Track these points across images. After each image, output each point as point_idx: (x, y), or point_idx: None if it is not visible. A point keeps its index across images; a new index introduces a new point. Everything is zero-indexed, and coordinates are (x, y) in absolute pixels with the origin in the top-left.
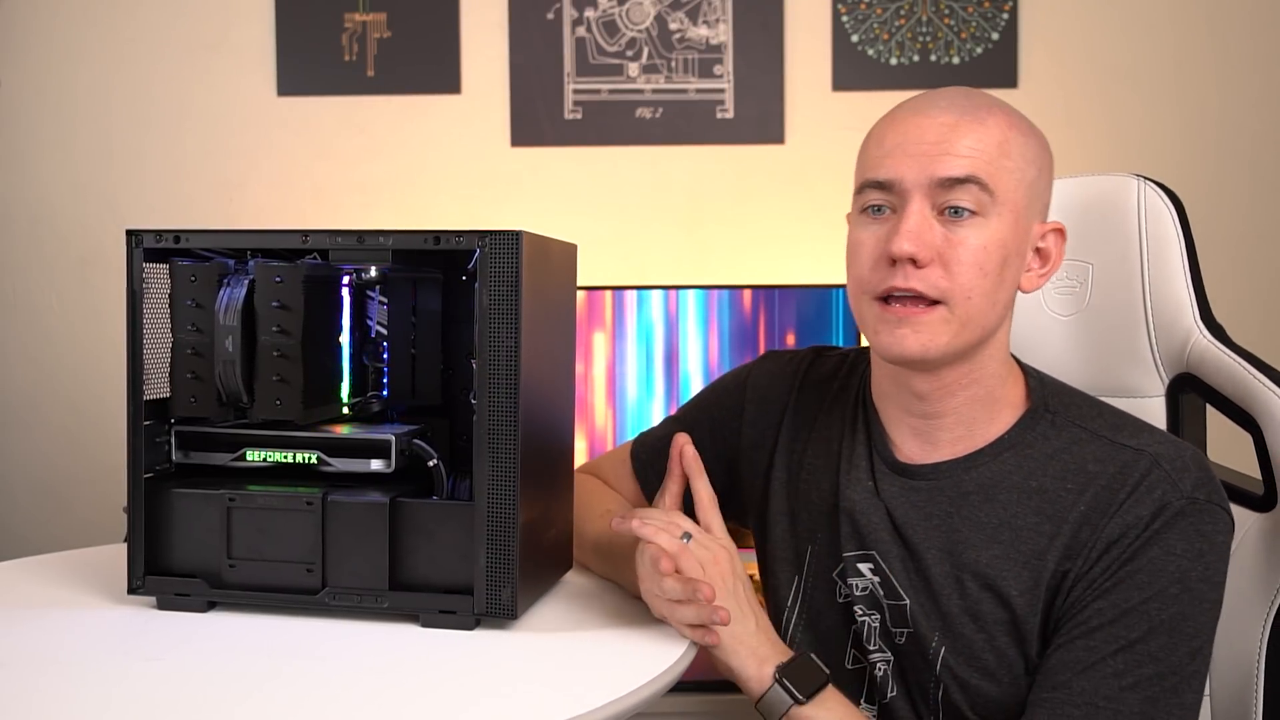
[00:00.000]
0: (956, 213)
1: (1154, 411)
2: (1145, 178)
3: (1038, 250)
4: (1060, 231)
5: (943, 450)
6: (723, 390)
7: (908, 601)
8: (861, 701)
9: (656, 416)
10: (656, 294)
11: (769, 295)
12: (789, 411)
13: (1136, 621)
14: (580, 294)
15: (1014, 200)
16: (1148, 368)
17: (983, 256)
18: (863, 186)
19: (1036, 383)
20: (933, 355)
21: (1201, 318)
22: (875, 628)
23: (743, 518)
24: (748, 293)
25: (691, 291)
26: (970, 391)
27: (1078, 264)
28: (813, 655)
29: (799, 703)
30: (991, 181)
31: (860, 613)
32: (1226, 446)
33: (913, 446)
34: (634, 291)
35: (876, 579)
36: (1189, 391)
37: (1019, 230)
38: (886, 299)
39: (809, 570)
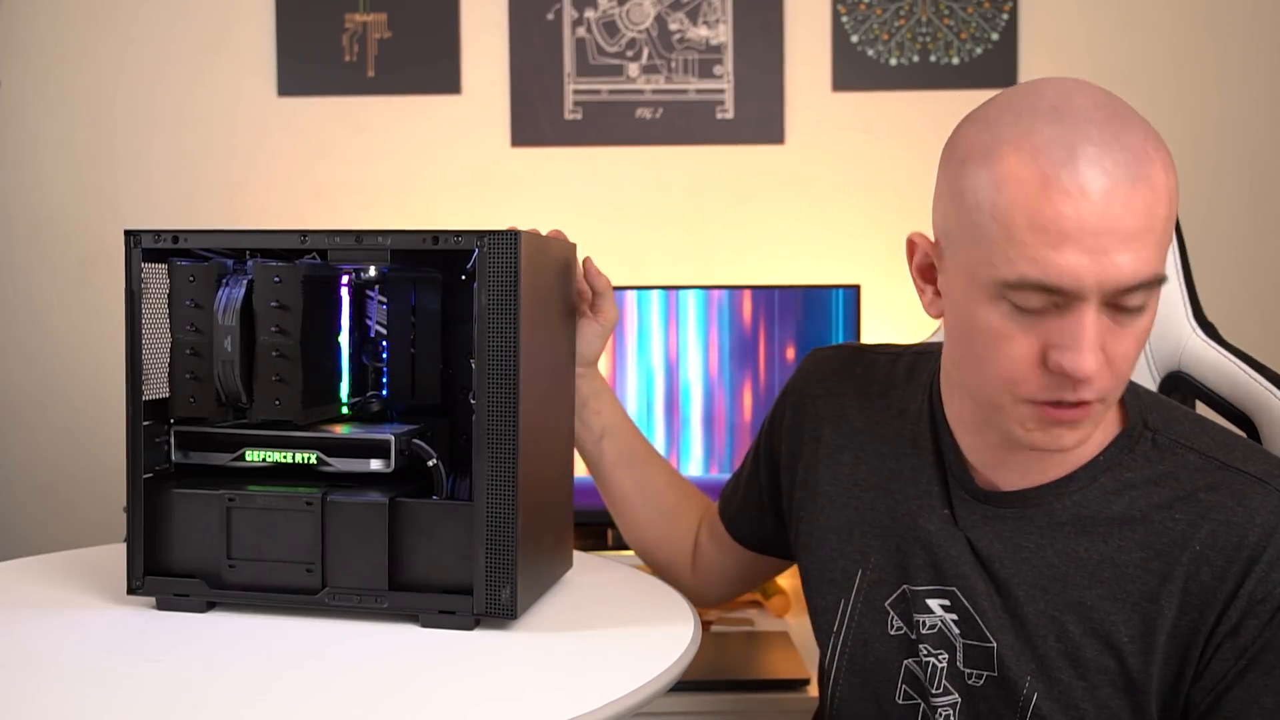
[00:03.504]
0: (1126, 309)
1: None
2: None
3: None
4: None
5: (1030, 476)
6: (773, 409)
7: (995, 644)
8: None
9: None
10: (656, 294)
11: (769, 295)
12: (830, 420)
13: None
14: None
15: (1164, 267)
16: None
17: (1142, 341)
18: (1019, 284)
19: (1132, 396)
20: (1082, 444)
21: (1194, 317)
22: (943, 669)
23: (793, 544)
24: (748, 293)
25: (691, 292)
26: None
27: None
28: None
29: None
30: (1163, 267)
31: (925, 652)
32: None
33: (995, 473)
34: (634, 291)
35: (952, 616)
36: (1182, 390)
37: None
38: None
39: (857, 595)
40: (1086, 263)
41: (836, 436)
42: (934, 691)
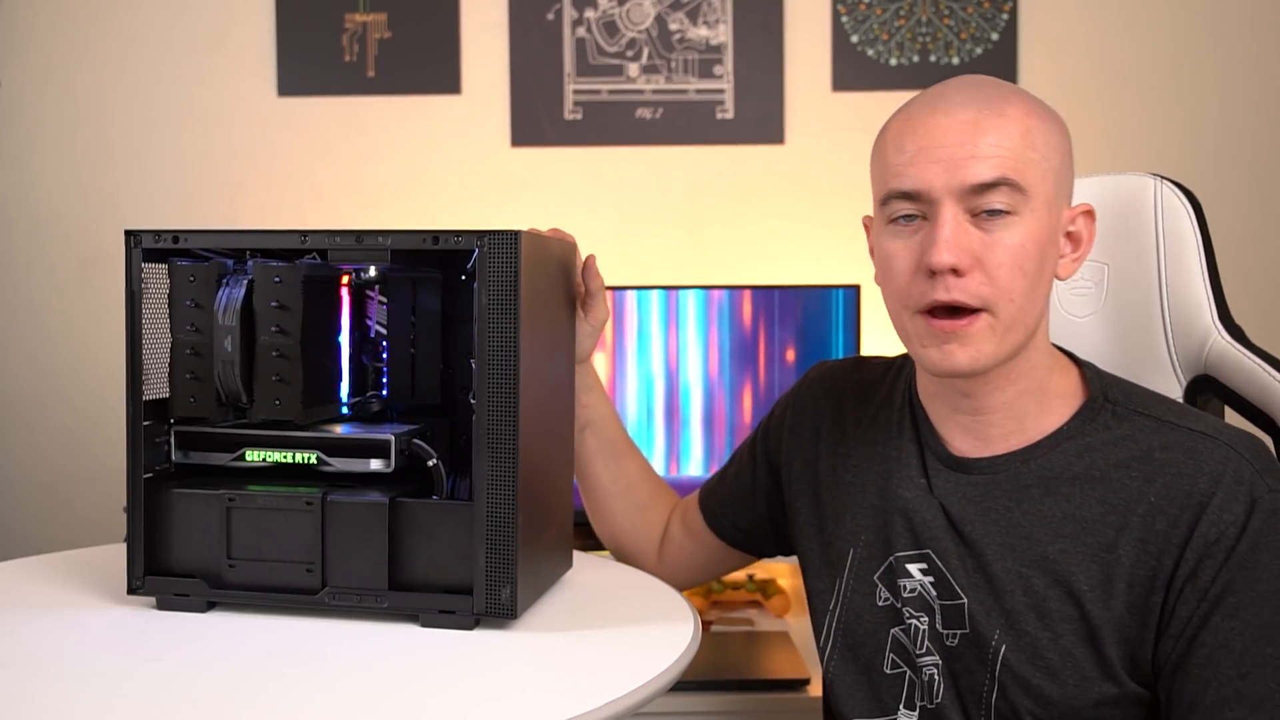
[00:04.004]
0: (991, 213)
1: None
2: (1162, 177)
3: (1068, 235)
4: (1090, 213)
5: (995, 445)
6: (773, 410)
7: (965, 600)
8: (901, 707)
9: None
10: (656, 294)
11: (769, 295)
12: (829, 417)
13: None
14: None
15: (1044, 191)
16: (1165, 369)
17: (1021, 256)
18: (888, 197)
19: (1093, 374)
20: (982, 366)
21: (1220, 318)
22: (924, 630)
23: (792, 537)
24: (748, 293)
25: (691, 292)
26: (1018, 385)
27: (1094, 264)
28: None
29: None
30: (1021, 178)
31: (908, 615)
32: None
33: (964, 442)
34: (634, 291)
35: (929, 579)
36: (1207, 393)
37: (1051, 221)
38: (929, 311)
39: (850, 573)
40: (935, 169)
41: (834, 431)
42: (918, 652)
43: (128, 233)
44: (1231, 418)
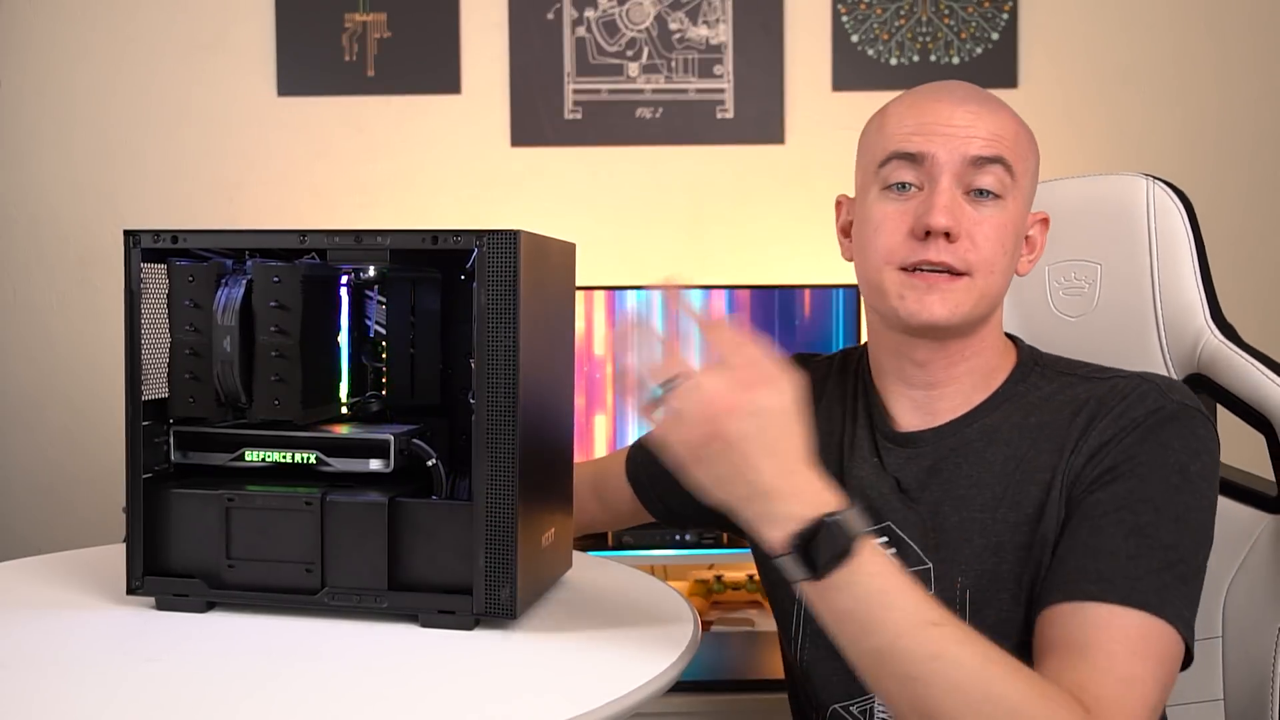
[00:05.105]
0: (981, 194)
1: None
2: (1154, 177)
3: (1026, 238)
4: (1045, 221)
5: (941, 417)
6: None
7: (930, 565)
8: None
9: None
10: (657, 294)
11: (769, 295)
12: None
13: (1143, 508)
14: (580, 294)
15: (1024, 186)
16: (1158, 369)
17: (1003, 234)
18: (888, 158)
19: (1024, 345)
20: (957, 321)
21: (1212, 317)
22: None
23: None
24: (748, 293)
25: (692, 292)
26: (970, 363)
27: (1086, 264)
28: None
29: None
30: (1014, 164)
31: None
32: (1238, 447)
33: (912, 418)
34: (634, 291)
35: (892, 550)
36: (1200, 392)
37: (1024, 215)
38: (910, 269)
39: None
40: (940, 140)
41: None
42: None
43: (127, 233)
44: (1225, 416)
